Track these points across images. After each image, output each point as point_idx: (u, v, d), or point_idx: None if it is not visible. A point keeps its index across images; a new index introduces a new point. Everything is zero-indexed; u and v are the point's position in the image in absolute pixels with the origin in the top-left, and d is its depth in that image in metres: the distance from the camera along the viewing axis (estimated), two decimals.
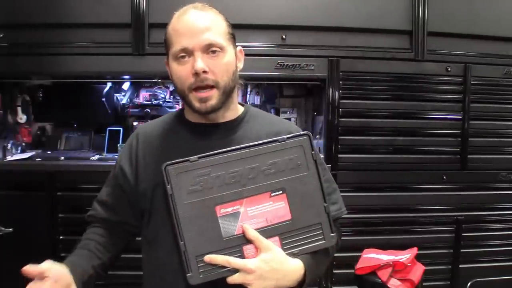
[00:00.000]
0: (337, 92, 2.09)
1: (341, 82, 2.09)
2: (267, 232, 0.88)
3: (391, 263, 1.72)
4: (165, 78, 2.31)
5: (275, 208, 0.90)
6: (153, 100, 2.33)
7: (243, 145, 0.91)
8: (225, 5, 2.03)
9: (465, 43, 2.16)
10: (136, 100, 2.37)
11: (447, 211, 2.18)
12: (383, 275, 1.69)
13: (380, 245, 1.92)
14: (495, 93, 2.19)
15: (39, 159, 2.12)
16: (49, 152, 2.26)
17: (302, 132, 0.95)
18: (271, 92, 2.43)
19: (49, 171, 2.02)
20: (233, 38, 0.99)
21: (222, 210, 0.87)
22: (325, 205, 0.93)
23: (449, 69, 2.15)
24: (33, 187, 2.01)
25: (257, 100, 2.45)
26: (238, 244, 0.87)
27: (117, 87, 2.39)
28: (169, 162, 0.87)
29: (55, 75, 2.17)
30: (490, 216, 2.23)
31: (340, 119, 2.09)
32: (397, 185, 2.15)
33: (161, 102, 2.34)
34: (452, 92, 2.17)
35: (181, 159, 0.88)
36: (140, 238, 1.05)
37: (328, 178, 1.04)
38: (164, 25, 0.99)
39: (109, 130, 2.37)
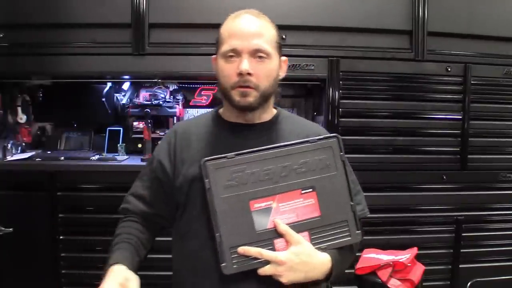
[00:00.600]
0: (337, 92, 2.09)
1: (341, 82, 2.09)
2: (297, 227, 0.93)
3: (391, 263, 1.72)
4: (165, 78, 2.34)
5: (305, 205, 0.94)
6: (153, 100, 2.33)
7: (277, 145, 0.97)
8: (225, 5, 2.05)
9: (465, 43, 2.16)
10: (136, 100, 2.37)
11: (447, 211, 2.18)
12: (383, 275, 1.70)
13: (380, 245, 1.92)
14: (495, 93, 2.19)
15: (39, 159, 2.12)
16: (49, 152, 2.27)
17: (331, 134, 1.01)
18: None
19: (49, 171, 2.02)
20: (280, 48, 1.05)
21: (255, 205, 0.92)
22: (352, 203, 0.97)
23: (449, 69, 2.15)
24: (33, 187, 2.01)
25: None
26: (270, 237, 0.92)
27: (117, 87, 2.40)
28: (208, 158, 0.93)
29: (55, 75, 2.17)
30: (490, 216, 2.23)
31: (340, 119, 2.09)
32: (397, 185, 2.15)
33: (161, 102, 2.34)
34: (452, 92, 2.17)
35: (219, 156, 0.93)
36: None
37: (353, 180, 1.08)
38: (164, 25, 1.00)
39: (109, 130, 2.38)
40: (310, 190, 0.95)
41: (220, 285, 0.93)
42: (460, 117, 2.17)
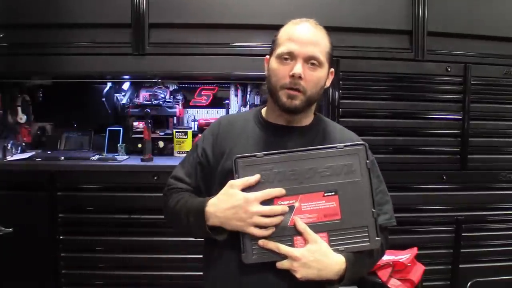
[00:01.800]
0: (337, 92, 2.09)
1: (341, 82, 2.09)
2: (317, 227, 0.97)
3: (391, 263, 1.72)
4: (165, 78, 2.35)
5: (326, 207, 0.98)
6: (153, 100, 2.34)
7: (304, 148, 1.01)
8: (225, 5, 2.05)
9: (465, 43, 2.16)
10: (136, 100, 2.37)
11: (447, 211, 2.18)
12: (383, 275, 1.70)
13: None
14: (495, 93, 2.19)
15: (39, 159, 2.12)
16: (49, 152, 2.27)
17: (359, 142, 1.05)
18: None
19: (49, 171, 2.02)
20: (331, 59, 1.10)
21: (279, 202, 0.97)
22: (373, 210, 1.00)
23: (449, 69, 2.15)
24: (33, 187, 2.01)
25: (257, 100, 2.45)
26: (290, 234, 0.97)
27: (117, 87, 2.40)
28: (239, 155, 0.99)
29: (55, 75, 2.17)
30: (490, 216, 2.23)
31: (340, 119, 2.09)
32: (397, 185, 2.15)
33: (161, 102, 2.34)
34: (452, 92, 2.17)
35: (249, 154, 0.99)
36: None
37: (383, 190, 1.13)
38: (164, 25, 1.01)
39: (109, 130, 2.38)
40: (333, 193, 0.98)
41: (240, 273, 0.99)
42: (460, 117, 2.17)
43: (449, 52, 2.15)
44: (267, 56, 1.12)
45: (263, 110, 1.16)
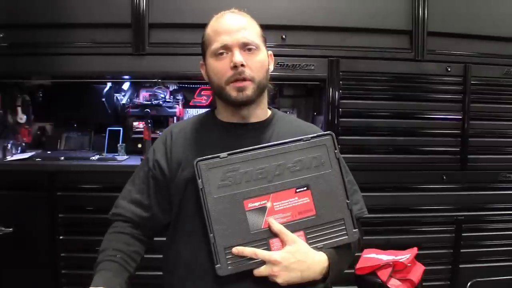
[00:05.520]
0: (337, 92, 2.09)
1: (341, 82, 2.09)
2: (292, 226, 0.92)
3: (391, 263, 1.72)
4: (165, 78, 2.34)
5: (300, 204, 0.94)
6: (153, 100, 2.33)
7: (270, 143, 0.96)
8: (225, 6, 2.05)
9: (465, 43, 2.16)
10: (136, 100, 2.37)
11: (447, 211, 2.18)
12: (383, 275, 1.69)
13: (380, 245, 1.92)
14: (495, 93, 2.19)
15: (39, 159, 2.12)
16: (49, 152, 2.26)
17: (325, 132, 1.00)
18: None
19: (49, 171, 2.02)
20: (265, 41, 1.06)
21: (250, 205, 0.92)
22: (348, 201, 0.96)
23: (449, 69, 2.14)
24: (33, 187, 2.01)
25: None
26: (265, 237, 0.91)
27: (117, 87, 2.39)
28: (200, 158, 0.92)
29: (55, 75, 2.17)
30: (490, 216, 2.22)
31: (340, 119, 2.09)
32: (397, 185, 2.15)
33: (161, 102, 2.34)
34: (452, 92, 2.17)
35: (211, 155, 0.93)
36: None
37: (350, 180, 1.08)
38: (164, 25, 1.01)
39: (109, 130, 2.37)
40: (305, 188, 0.94)
41: (215, 287, 0.92)
42: (460, 117, 2.17)
43: (449, 52, 2.15)
44: (201, 62, 1.07)
45: (216, 111, 1.10)
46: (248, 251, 0.89)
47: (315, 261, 0.90)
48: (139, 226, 1.04)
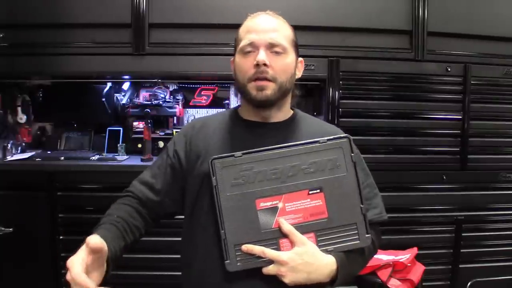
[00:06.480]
0: (337, 92, 2.09)
1: (341, 82, 2.09)
2: (303, 228, 0.92)
3: (391, 263, 1.72)
4: (165, 78, 2.34)
5: (312, 206, 0.93)
6: (153, 100, 2.33)
7: (285, 144, 0.95)
8: (225, 6, 2.05)
9: (465, 43, 2.16)
10: (136, 100, 2.37)
11: (447, 211, 2.18)
12: (383, 275, 1.69)
13: (380, 245, 1.92)
14: (495, 93, 2.19)
15: (39, 159, 2.12)
16: (49, 152, 2.27)
17: (342, 135, 0.98)
18: None
19: (49, 171, 2.02)
20: (297, 47, 1.07)
21: (261, 204, 0.92)
22: (362, 206, 0.95)
23: (449, 69, 2.14)
24: (33, 187, 2.01)
25: None
26: (275, 237, 0.91)
27: (117, 87, 2.40)
28: (216, 156, 0.93)
29: (55, 75, 2.17)
30: (490, 216, 2.23)
31: (340, 119, 2.09)
32: (397, 185, 2.15)
33: (161, 102, 2.34)
34: (452, 92, 2.17)
35: (227, 154, 0.94)
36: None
37: (370, 184, 1.08)
38: (164, 25, 1.01)
39: (109, 130, 2.38)
40: (318, 191, 0.93)
41: (225, 282, 0.93)
42: (460, 117, 2.17)
43: (449, 52, 2.15)
44: (232, 58, 1.08)
45: (240, 109, 1.11)
46: (257, 249, 0.90)
47: (322, 263, 0.90)
48: (146, 206, 1.05)
